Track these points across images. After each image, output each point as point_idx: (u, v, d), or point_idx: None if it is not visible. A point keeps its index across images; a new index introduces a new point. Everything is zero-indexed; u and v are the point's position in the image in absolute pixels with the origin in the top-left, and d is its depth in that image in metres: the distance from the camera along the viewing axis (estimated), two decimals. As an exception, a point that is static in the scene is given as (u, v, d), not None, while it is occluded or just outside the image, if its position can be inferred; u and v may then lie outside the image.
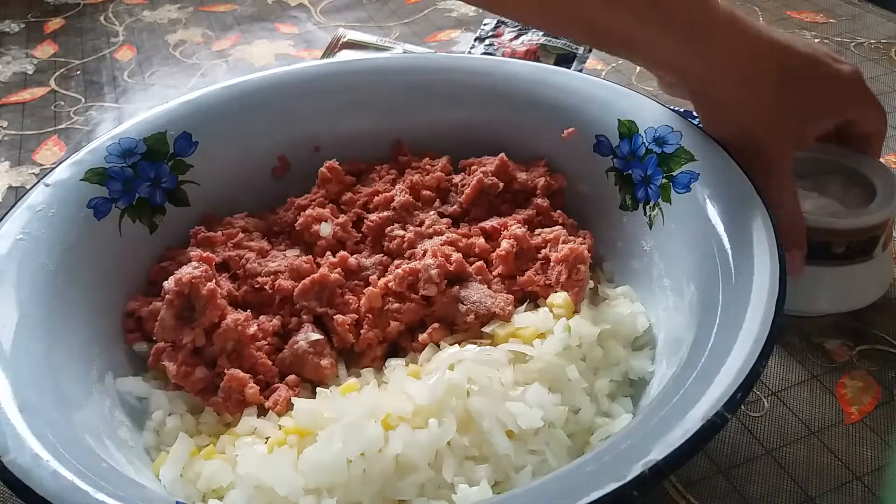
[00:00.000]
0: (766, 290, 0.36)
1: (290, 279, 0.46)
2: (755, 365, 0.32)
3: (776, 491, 0.41)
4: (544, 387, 0.40)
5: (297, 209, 0.52)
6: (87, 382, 0.41)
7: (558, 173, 0.53)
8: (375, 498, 0.36)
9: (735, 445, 0.44)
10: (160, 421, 0.42)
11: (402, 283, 0.45)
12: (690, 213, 0.44)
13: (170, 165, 0.51)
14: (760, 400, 0.46)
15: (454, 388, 0.38)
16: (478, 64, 0.58)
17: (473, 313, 0.44)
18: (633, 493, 0.29)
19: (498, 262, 0.47)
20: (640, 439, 0.31)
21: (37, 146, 0.74)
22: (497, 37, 0.82)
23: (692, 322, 0.39)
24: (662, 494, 0.41)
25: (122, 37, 0.96)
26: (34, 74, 0.87)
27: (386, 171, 0.55)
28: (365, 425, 0.37)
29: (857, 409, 0.45)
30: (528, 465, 0.37)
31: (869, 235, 0.47)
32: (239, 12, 1.01)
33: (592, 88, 0.53)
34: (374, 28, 0.95)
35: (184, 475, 0.39)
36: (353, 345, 0.45)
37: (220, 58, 0.90)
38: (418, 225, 0.50)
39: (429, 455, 0.36)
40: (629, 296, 0.47)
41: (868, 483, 0.41)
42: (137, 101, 0.81)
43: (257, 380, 0.43)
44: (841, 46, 0.84)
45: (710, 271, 0.39)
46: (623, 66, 0.83)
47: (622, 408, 0.41)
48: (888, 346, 0.49)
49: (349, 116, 0.57)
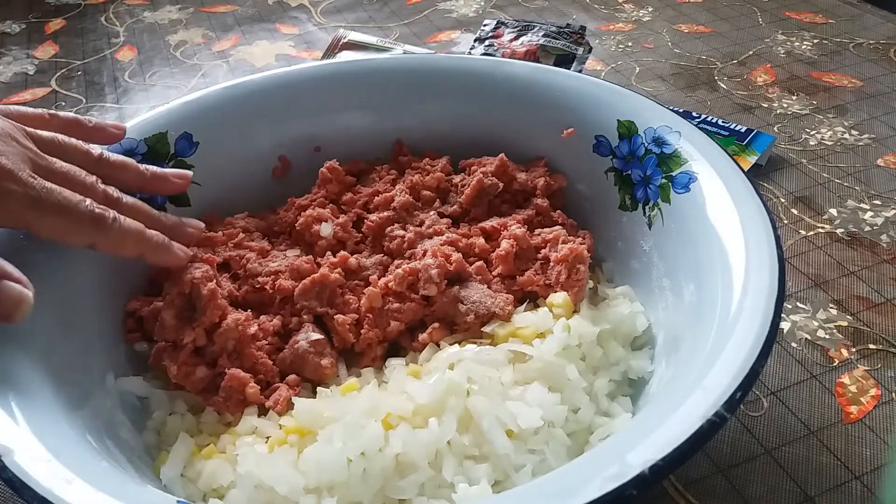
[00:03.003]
0: (766, 289, 0.36)
1: (290, 279, 0.46)
2: (754, 364, 0.33)
3: (775, 490, 0.41)
4: (544, 386, 0.40)
5: (297, 209, 0.52)
6: (88, 382, 0.41)
7: (558, 173, 0.54)
8: (376, 497, 0.36)
9: (734, 445, 0.44)
10: (161, 420, 0.42)
11: (402, 283, 0.45)
12: (690, 214, 0.44)
13: (171, 166, 0.51)
14: (760, 399, 0.46)
15: (454, 387, 0.38)
16: (478, 64, 0.58)
17: (473, 313, 0.44)
18: (632, 493, 0.29)
19: (498, 262, 0.48)
20: (640, 439, 0.31)
21: (37, 147, 0.74)
22: (497, 37, 0.82)
23: (691, 322, 0.39)
24: (662, 494, 0.41)
25: (122, 37, 0.96)
26: (35, 75, 0.88)
27: (386, 172, 0.55)
28: (365, 425, 0.37)
29: (856, 409, 0.45)
30: (528, 465, 0.37)
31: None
32: (239, 13, 1.01)
33: (592, 89, 0.53)
34: (374, 29, 0.95)
35: (184, 474, 0.39)
36: (354, 344, 0.45)
37: (220, 58, 0.90)
38: (418, 225, 0.50)
39: (429, 454, 0.37)
40: (629, 296, 0.47)
41: (867, 482, 0.42)
42: (138, 102, 0.81)
43: (258, 379, 0.43)
44: (840, 47, 0.84)
45: (710, 271, 0.40)
46: (623, 66, 0.83)
47: (621, 407, 0.41)
48: (887, 346, 0.49)
49: (349, 116, 0.57)
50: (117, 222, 0.40)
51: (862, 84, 0.77)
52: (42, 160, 0.40)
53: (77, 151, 0.43)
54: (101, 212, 0.40)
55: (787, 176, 0.65)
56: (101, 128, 0.48)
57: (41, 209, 0.38)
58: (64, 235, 0.39)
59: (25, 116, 0.44)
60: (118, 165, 0.45)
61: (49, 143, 0.42)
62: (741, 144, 0.66)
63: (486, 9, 0.99)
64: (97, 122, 0.48)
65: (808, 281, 0.55)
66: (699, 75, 0.81)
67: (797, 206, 0.62)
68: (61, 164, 0.41)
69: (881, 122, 0.71)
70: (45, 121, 0.45)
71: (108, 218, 0.40)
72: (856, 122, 0.72)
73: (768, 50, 0.85)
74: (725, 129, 0.68)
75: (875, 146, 0.68)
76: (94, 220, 0.39)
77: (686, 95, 0.77)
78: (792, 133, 0.70)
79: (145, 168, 0.47)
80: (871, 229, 0.59)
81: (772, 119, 0.73)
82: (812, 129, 0.71)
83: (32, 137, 0.41)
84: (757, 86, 0.78)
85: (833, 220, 0.60)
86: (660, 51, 0.86)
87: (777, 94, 0.77)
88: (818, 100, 0.75)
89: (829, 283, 0.54)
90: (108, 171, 0.44)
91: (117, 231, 0.40)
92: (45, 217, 0.38)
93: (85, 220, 0.39)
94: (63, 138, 0.43)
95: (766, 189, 0.63)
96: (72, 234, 0.39)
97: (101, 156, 0.44)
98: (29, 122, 0.43)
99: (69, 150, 0.43)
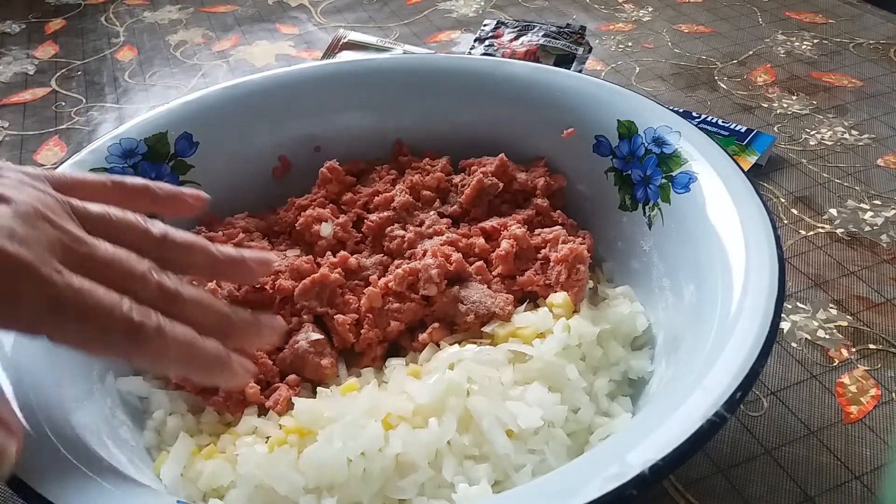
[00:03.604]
0: (766, 289, 0.36)
1: (290, 279, 0.46)
2: (754, 364, 0.33)
3: (775, 490, 0.41)
4: (544, 386, 0.40)
5: (297, 209, 0.52)
6: (88, 382, 0.41)
7: (558, 173, 0.54)
8: (375, 497, 0.36)
9: (734, 445, 0.44)
10: (161, 420, 0.42)
11: (402, 283, 0.45)
12: (689, 214, 0.44)
13: (171, 166, 0.51)
14: (760, 399, 0.46)
15: (454, 387, 0.38)
16: (478, 64, 0.58)
17: (473, 313, 0.44)
18: (632, 493, 0.29)
19: (498, 262, 0.48)
20: (640, 439, 0.31)
21: (38, 146, 0.75)
22: (497, 38, 0.82)
23: (691, 322, 0.39)
24: (662, 494, 0.41)
25: (122, 37, 0.96)
26: (35, 75, 0.88)
27: (386, 172, 0.55)
28: (365, 425, 0.37)
29: (856, 409, 0.45)
30: (528, 465, 0.37)
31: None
32: (239, 13, 1.01)
33: (592, 89, 0.53)
34: (374, 29, 0.95)
35: (184, 474, 0.39)
36: (354, 344, 0.45)
37: (220, 58, 0.90)
38: (418, 225, 0.50)
39: (429, 454, 0.37)
40: (629, 296, 0.47)
41: (867, 482, 0.42)
42: (138, 102, 0.81)
43: (258, 379, 0.43)
44: (840, 47, 0.84)
45: (710, 271, 0.40)
46: (623, 66, 0.83)
47: (621, 407, 0.41)
48: (887, 346, 0.49)
49: (349, 116, 0.57)
50: (161, 334, 0.31)
51: (862, 84, 0.77)
52: (80, 246, 0.32)
53: (133, 230, 0.35)
54: (141, 320, 0.31)
55: (787, 176, 0.65)
56: (176, 197, 0.40)
57: (62, 314, 0.30)
58: (86, 346, 0.31)
59: (83, 184, 0.37)
60: (184, 247, 0.36)
61: (98, 220, 0.34)
62: (741, 144, 0.66)
63: (486, 9, 0.99)
64: (170, 190, 0.39)
65: (808, 281, 0.55)
66: (699, 75, 0.81)
67: (797, 206, 0.62)
68: (106, 250, 0.32)
69: (881, 122, 0.71)
70: (106, 190, 0.37)
71: (148, 328, 0.31)
72: (856, 122, 0.72)
73: (768, 50, 0.85)
74: (725, 129, 0.68)
75: (875, 146, 0.68)
76: (128, 331, 0.30)
77: (686, 95, 0.77)
78: (792, 133, 0.70)
79: (218, 250, 0.37)
80: (871, 229, 0.59)
81: (772, 119, 0.73)
82: (812, 129, 0.71)
83: (77, 213, 0.33)
84: (757, 86, 0.78)
85: (833, 220, 0.60)
86: (660, 51, 0.86)
87: (777, 94, 0.77)
88: (818, 100, 0.75)
89: (829, 283, 0.54)
90: (170, 255, 0.35)
91: (158, 345, 0.31)
92: (67, 324, 0.30)
93: (117, 329, 0.30)
94: (116, 214, 0.35)
95: (766, 189, 0.63)
96: (96, 347, 0.31)
97: (164, 236, 0.35)
98: (86, 192, 0.36)
99: (122, 229, 0.34)
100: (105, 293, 0.30)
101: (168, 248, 0.35)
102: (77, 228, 0.32)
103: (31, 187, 0.33)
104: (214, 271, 0.37)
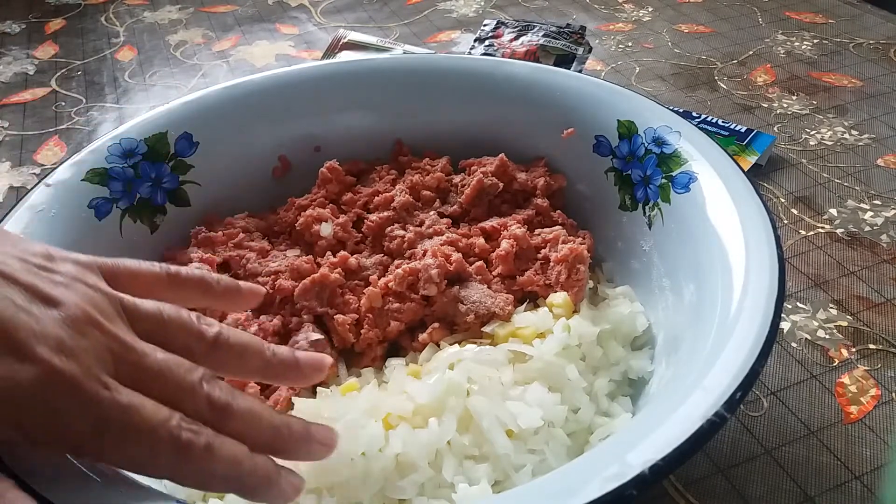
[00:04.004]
0: (766, 289, 0.36)
1: (290, 279, 0.46)
2: (754, 365, 0.33)
3: (775, 490, 0.41)
4: (544, 386, 0.40)
5: (297, 209, 0.52)
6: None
7: (558, 173, 0.54)
8: (376, 497, 0.36)
9: (734, 445, 0.44)
10: (161, 420, 0.42)
11: (402, 283, 0.45)
12: (690, 214, 0.44)
13: (171, 166, 0.51)
14: (760, 399, 0.46)
15: (454, 387, 0.38)
16: (478, 64, 0.58)
17: (473, 313, 0.44)
18: (632, 493, 0.29)
19: (498, 262, 0.48)
20: (640, 439, 0.31)
21: (38, 146, 0.75)
22: (497, 38, 0.82)
23: (691, 322, 0.39)
24: (662, 494, 0.41)
25: (122, 37, 0.96)
26: (35, 75, 0.88)
27: (386, 172, 0.55)
28: (365, 425, 0.37)
29: (856, 409, 0.45)
30: (528, 465, 0.37)
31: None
32: (239, 13, 1.01)
33: (592, 89, 0.53)
34: (374, 29, 0.95)
35: (184, 474, 0.39)
36: (354, 344, 0.45)
37: (220, 58, 0.90)
38: (418, 225, 0.50)
39: (429, 454, 0.37)
40: (629, 296, 0.47)
41: (867, 482, 0.42)
42: (138, 102, 0.81)
43: (258, 379, 0.43)
44: (840, 47, 0.84)
45: (710, 271, 0.39)
46: (622, 66, 0.83)
47: (621, 407, 0.41)
48: (887, 346, 0.49)
49: (349, 116, 0.57)
50: (209, 453, 0.29)
51: (862, 84, 0.77)
52: (130, 354, 0.30)
53: (186, 331, 0.32)
54: (189, 437, 0.29)
55: (787, 176, 0.65)
56: (234, 292, 0.37)
57: (107, 435, 0.28)
58: (132, 468, 0.30)
59: (136, 275, 0.34)
60: (237, 350, 0.33)
61: (150, 321, 0.32)
62: (741, 144, 0.66)
63: (486, 9, 0.99)
64: (227, 284, 0.37)
65: (808, 281, 0.55)
66: (699, 75, 0.81)
67: (797, 206, 0.62)
68: (156, 359, 0.30)
69: (881, 122, 0.71)
70: (160, 283, 0.35)
71: (196, 446, 0.29)
72: (856, 122, 0.72)
73: (768, 50, 0.85)
74: (725, 129, 0.68)
75: (875, 146, 0.68)
76: (176, 450, 0.28)
77: (686, 95, 0.77)
78: (792, 133, 0.70)
79: (272, 353, 0.34)
80: (871, 229, 0.59)
81: (772, 119, 0.73)
82: (812, 129, 0.71)
83: (128, 312, 0.31)
84: (757, 86, 0.78)
85: (833, 220, 0.60)
86: (660, 51, 0.86)
87: (777, 94, 0.77)
88: (818, 100, 0.75)
89: (829, 283, 0.54)
90: (223, 360, 0.33)
91: (205, 465, 0.29)
92: (113, 446, 0.28)
93: (164, 449, 0.28)
94: (170, 312, 0.32)
95: (766, 189, 0.63)
96: (143, 469, 0.29)
97: (216, 339, 0.33)
98: (139, 283, 0.34)
99: (174, 330, 0.32)
100: (153, 409, 0.29)
101: (221, 352, 0.33)
102: (127, 333, 0.30)
103: (83, 283, 0.31)
104: (267, 375, 0.35)
